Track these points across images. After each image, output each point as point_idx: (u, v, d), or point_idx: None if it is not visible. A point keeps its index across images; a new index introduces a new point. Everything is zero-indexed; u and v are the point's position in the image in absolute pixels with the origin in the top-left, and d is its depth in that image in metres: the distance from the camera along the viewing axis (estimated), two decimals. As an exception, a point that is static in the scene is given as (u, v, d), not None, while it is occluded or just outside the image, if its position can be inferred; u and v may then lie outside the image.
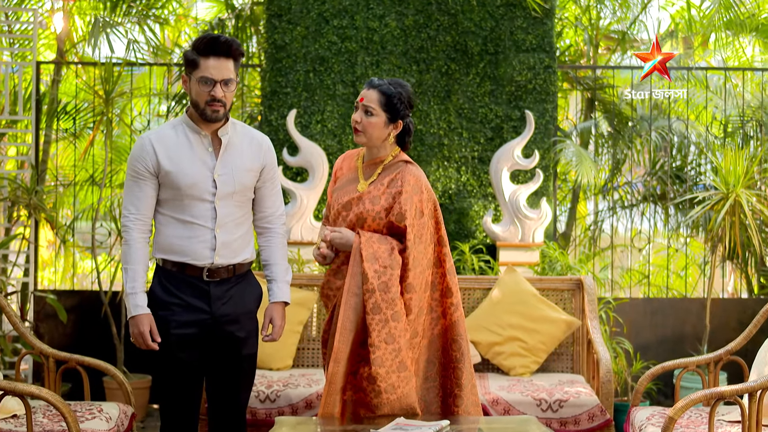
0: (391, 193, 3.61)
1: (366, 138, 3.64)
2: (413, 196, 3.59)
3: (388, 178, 3.64)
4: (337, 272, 3.68)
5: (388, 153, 3.71)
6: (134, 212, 3.50)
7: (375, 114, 3.62)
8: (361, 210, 3.62)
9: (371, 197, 3.62)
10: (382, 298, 3.49)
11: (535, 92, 6.57)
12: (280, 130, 6.49)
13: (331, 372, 3.50)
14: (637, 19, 7.90)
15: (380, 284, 3.49)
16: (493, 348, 5.25)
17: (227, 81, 3.43)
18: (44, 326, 6.39)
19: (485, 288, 5.42)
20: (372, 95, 3.63)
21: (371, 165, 3.72)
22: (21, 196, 6.19)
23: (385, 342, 3.45)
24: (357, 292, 3.50)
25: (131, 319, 3.46)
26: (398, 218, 3.57)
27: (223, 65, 3.43)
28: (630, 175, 7.87)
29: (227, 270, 3.54)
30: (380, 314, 3.48)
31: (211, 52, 3.43)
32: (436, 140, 6.57)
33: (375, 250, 3.53)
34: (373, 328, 3.47)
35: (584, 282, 5.35)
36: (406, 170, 3.64)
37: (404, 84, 3.66)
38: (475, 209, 6.58)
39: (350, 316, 3.51)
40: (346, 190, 3.71)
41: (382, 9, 6.56)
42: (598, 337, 5.08)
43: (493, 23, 6.60)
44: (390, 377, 3.46)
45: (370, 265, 3.50)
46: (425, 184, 3.66)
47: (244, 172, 3.55)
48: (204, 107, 3.44)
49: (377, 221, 3.60)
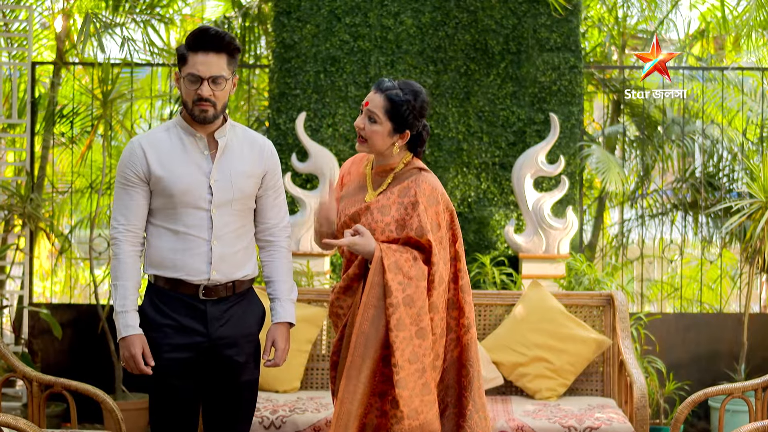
0: (403, 203, 3.44)
1: (368, 147, 3.49)
2: (429, 208, 3.43)
3: (399, 186, 3.48)
4: (348, 289, 3.50)
5: (398, 161, 3.53)
6: (124, 223, 3.35)
7: (378, 122, 3.43)
8: (369, 221, 3.45)
9: (380, 207, 3.46)
10: (406, 313, 3.33)
11: (560, 94, 6.47)
12: (288, 135, 6.43)
13: (342, 390, 3.35)
14: (666, 18, 7.86)
15: (405, 298, 3.34)
16: (517, 369, 5.16)
17: (216, 78, 3.27)
18: (39, 342, 6.35)
19: (508, 304, 5.35)
20: (378, 100, 3.43)
21: (381, 173, 3.56)
22: (15, 205, 6.11)
23: (409, 362, 3.31)
24: (376, 304, 3.36)
25: (121, 341, 3.31)
26: (418, 232, 3.40)
27: (211, 61, 3.27)
28: (657, 181, 7.83)
29: (225, 287, 3.39)
30: (405, 331, 3.32)
31: (199, 47, 3.27)
32: (455, 145, 6.49)
33: (397, 259, 3.37)
34: (396, 347, 3.31)
35: (615, 297, 5.22)
36: (420, 178, 3.47)
37: (418, 90, 3.45)
38: (496, 218, 6.48)
39: (367, 330, 3.35)
40: (353, 199, 3.56)
41: (397, 6, 6.48)
42: (631, 357, 4.94)
43: (516, 20, 6.50)
44: (413, 401, 3.31)
45: (394, 276, 3.34)
46: (441, 193, 3.50)
47: (243, 178, 3.40)
48: (192, 107, 3.30)
49: (386, 234, 3.43)
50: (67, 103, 7.21)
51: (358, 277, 3.47)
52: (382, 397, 3.40)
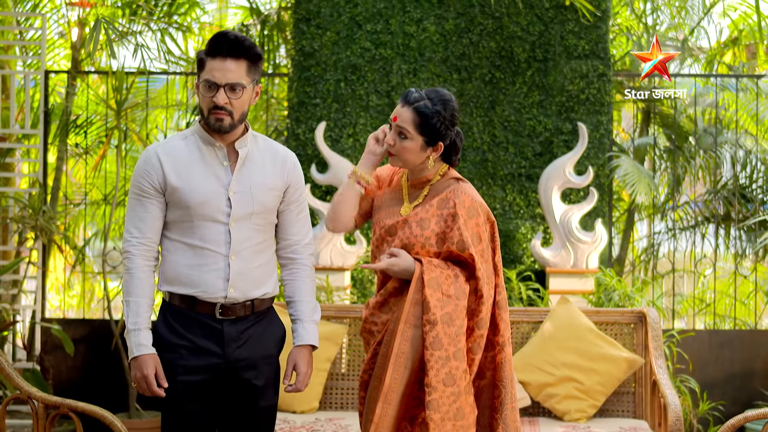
0: (443, 215, 3.34)
1: (401, 163, 3.40)
2: (469, 220, 3.34)
3: (437, 198, 3.38)
4: (383, 305, 3.40)
5: (434, 172, 3.45)
6: (137, 236, 3.24)
7: (409, 137, 3.33)
8: (407, 235, 3.36)
9: (418, 220, 3.36)
10: (444, 332, 3.24)
11: (589, 103, 6.41)
12: (308, 145, 6.40)
13: (379, 414, 3.23)
14: (697, 26, 7.82)
15: (443, 315, 3.25)
16: (544, 389, 5.05)
17: (233, 86, 3.15)
18: (51, 358, 6.27)
19: (535, 321, 5.23)
20: (406, 115, 3.33)
21: (417, 185, 3.47)
22: (27, 217, 6.05)
23: (444, 383, 3.21)
24: (416, 323, 3.27)
25: (133, 361, 3.19)
26: (459, 246, 3.30)
27: (229, 67, 3.15)
28: (687, 193, 7.77)
29: (244, 306, 3.27)
30: (441, 350, 3.22)
31: (216, 52, 3.15)
32: (479, 156, 6.43)
33: (437, 276, 3.28)
34: (431, 366, 3.21)
35: (647, 314, 5.10)
36: (458, 189, 3.38)
37: (447, 98, 3.36)
38: (522, 231, 6.42)
39: (406, 350, 3.26)
40: (388, 211, 3.46)
41: (420, 12, 6.44)
42: (664, 377, 4.81)
43: (542, 27, 6.44)
44: (445, 425, 3.20)
45: (433, 293, 3.26)
46: (480, 203, 3.41)
47: (264, 190, 3.29)
48: (207, 115, 3.19)
49: (426, 248, 3.34)
50: (81, 112, 7.18)
51: (396, 291, 3.37)
52: (413, 421, 3.31)
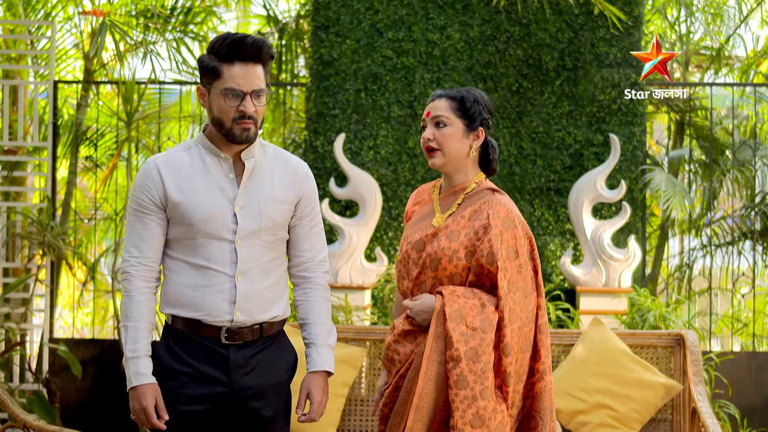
0: (474, 227, 3.18)
1: (445, 157, 3.25)
2: (504, 231, 3.16)
3: (470, 209, 3.23)
4: (409, 333, 3.26)
5: (471, 179, 3.31)
6: (137, 255, 3.10)
7: (449, 123, 3.24)
8: (435, 249, 3.19)
9: (448, 233, 3.21)
10: (469, 369, 3.07)
11: (621, 113, 6.35)
12: (326, 158, 6.36)
13: None
14: (733, 34, 7.69)
15: (468, 351, 3.08)
16: (576, 417, 4.83)
17: (258, 92, 3.04)
18: (58, 380, 6.13)
19: (566, 344, 5.03)
20: (441, 104, 3.27)
21: (450, 195, 3.31)
22: (34, 233, 5.92)
23: (471, 425, 3.04)
24: (439, 359, 3.12)
25: (131, 391, 3.05)
26: (488, 259, 3.13)
27: (251, 73, 3.02)
28: (722, 208, 7.70)
29: (251, 330, 3.11)
30: (466, 389, 3.05)
31: (236, 57, 3.01)
32: (506, 168, 6.39)
33: (460, 307, 3.11)
34: (456, 407, 3.04)
35: (686, 337, 4.87)
36: (493, 200, 3.23)
37: (475, 89, 3.36)
38: (552, 248, 6.35)
39: (430, 390, 3.10)
40: (418, 226, 3.31)
41: (444, 19, 6.39)
42: (705, 405, 4.57)
43: (572, 34, 6.40)
44: None
45: (455, 326, 3.09)
46: (518, 216, 3.24)
47: (273, 204, 3.13)
48: (231, 126, 3.03)
49: (454, 262, 3.17)
50: (91, 124, 7.15)
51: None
52: None
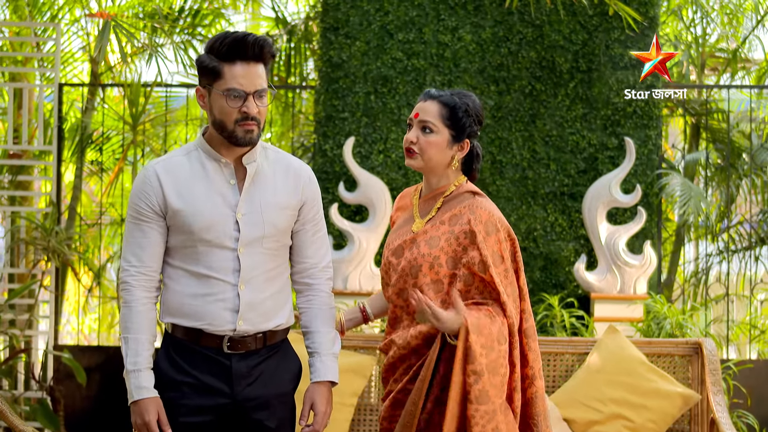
0: (454, 232, 3.11)
1: (423, 161, 3.17)
2: (488, 237, 3.10)
3: (449, 213, 3.16)
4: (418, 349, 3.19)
5: (451, 182, 3.24)
6: (136, 264, 3.05)
7: (435, 131, 3.15)
8: (414, 255, 3.13)
9: (428, 238, 3.14)
10: (491, 383, 2.99)
11: (636, 116, 6.30)
12: (336, 161, 6.34)
13: None
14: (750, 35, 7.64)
15: (489, 364, 3.00)
16: (591, 428, 4.77)
17: (261, 92, 2.98)
18: (63, 388, 6.10)
19: (580, 353, 4.96)
20: (430, 108, 3.16)
21: (430, 199, 3.25)
22: (39, 238, 5.92)
23: None
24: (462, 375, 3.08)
25: (133, 405, 3.00)
26: (480, 268, 3.06)
27: (253, 72, 2.96)
28: (738, 213, 7.62)
29: (254, 339, 3.06)
30: (488, 404, 2.99)
31: (237, 56, 2.94)
32: (519, 173, 6.33)
33: (477, 317, 3.02)
34: (476, 422, 2.97)
35: (704, 346, 4.81)
36: (474, 204, 3.15)
37: (469, 94, 3.26)
38: (565, 254, 6.29)
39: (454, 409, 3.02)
40: (399, 232, 3.25)
41: (455, 20, 6.35)
42: (724, 415, 4.53)
43: (586, 36, 6.36)
44: None
45: (477, 338, 2.99)
46: (500, 219, 3.16)
47: (276, 210, 3.07)
48: (233, 128, 2.97)
49: (435, 269, 3.10)
50: (97, 128, 7.15)
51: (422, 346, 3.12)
52: None
